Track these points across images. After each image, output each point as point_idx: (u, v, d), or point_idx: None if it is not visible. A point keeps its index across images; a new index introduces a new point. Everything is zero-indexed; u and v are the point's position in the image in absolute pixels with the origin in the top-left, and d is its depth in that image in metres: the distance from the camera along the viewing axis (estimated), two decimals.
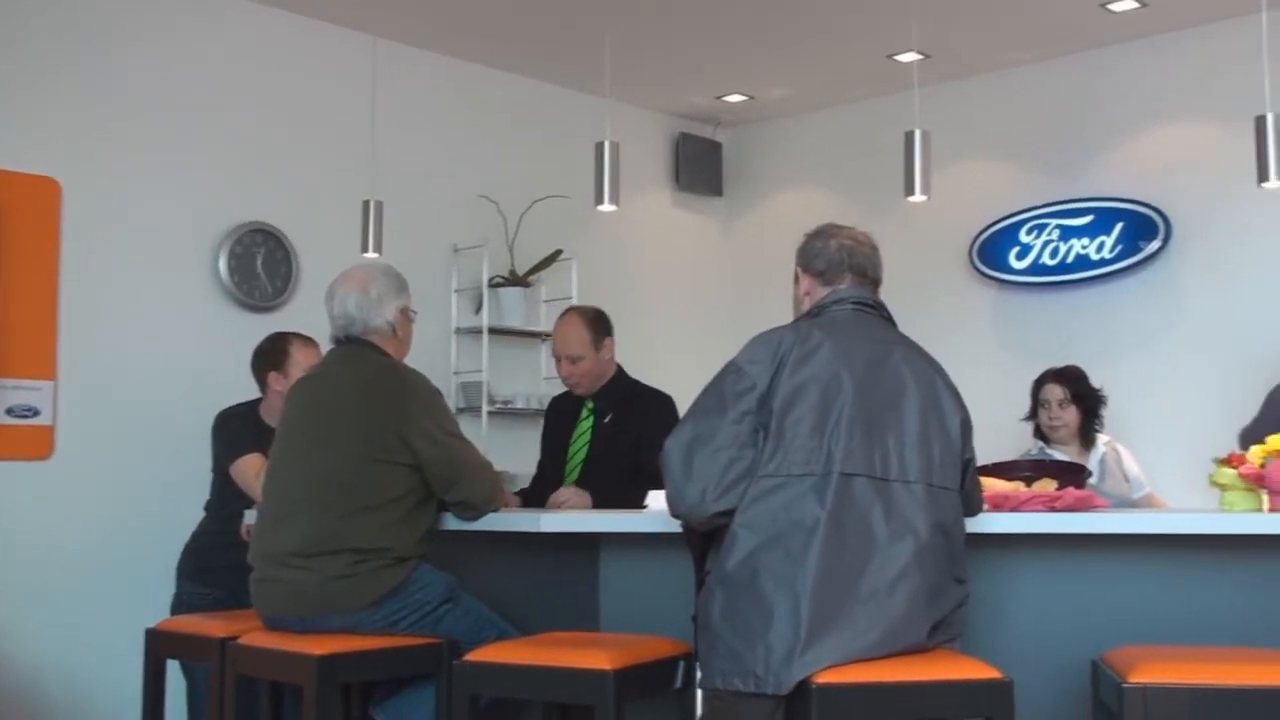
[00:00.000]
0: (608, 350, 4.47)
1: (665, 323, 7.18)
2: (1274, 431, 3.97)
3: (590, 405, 4.49)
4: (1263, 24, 4.70)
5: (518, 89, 6.72)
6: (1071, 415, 5.01)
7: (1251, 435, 4.09)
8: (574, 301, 6.30)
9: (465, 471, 3.38)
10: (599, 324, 4.45)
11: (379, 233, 5.39)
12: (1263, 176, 4.50)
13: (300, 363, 4.38)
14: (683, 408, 3.01)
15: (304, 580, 3.27)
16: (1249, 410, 4.61)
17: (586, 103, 6.52)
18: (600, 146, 5.07)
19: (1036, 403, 5.10)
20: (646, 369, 4.77)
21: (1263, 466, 3.13)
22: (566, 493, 4.20)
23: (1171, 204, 6.07)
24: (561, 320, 4.50)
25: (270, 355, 4.52)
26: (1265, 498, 3.14)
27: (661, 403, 4.33)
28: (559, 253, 6.53)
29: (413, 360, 3.66)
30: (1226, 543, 3.12)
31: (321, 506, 3.29)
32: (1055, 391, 5.04)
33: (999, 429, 5.98)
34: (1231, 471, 3.21)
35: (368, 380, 3.42)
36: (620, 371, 4.54)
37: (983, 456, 3.26)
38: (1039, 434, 5.11)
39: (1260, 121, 4.46)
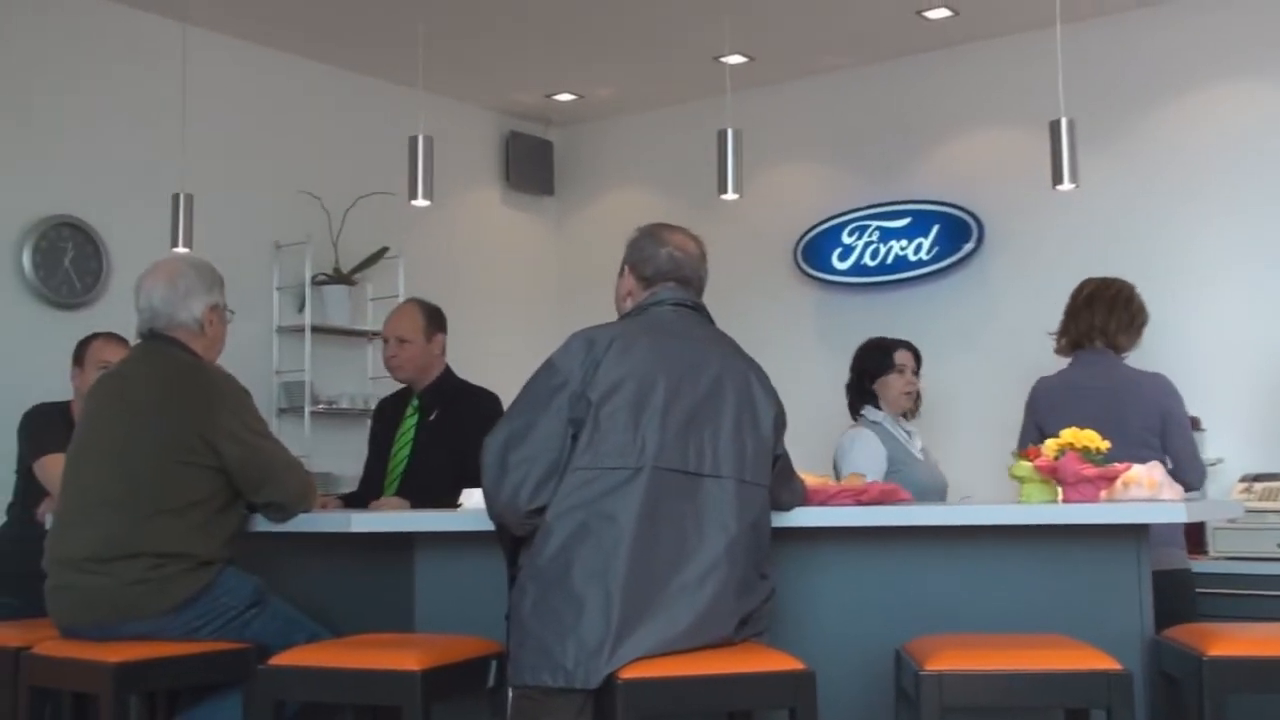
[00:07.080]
0: (438, 345, 4.48)
1: (495, 322, 7.11)
2: (1031, 440, 4.15)
3: (415, 403, 4.46)
4: (1057, 35, 4.89)
5: (337, 82, 6.59)
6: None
7: (1021, 445, 4.21)
8: (401, 300, 6.22)
9: (274, 472, 3.30)
10: (435, 317, 4.51)
11: (189, 227, 5.20)
12: (1057, 179, 4.68)
13: (98, 360, 4.23)
14: None
15: (99, 586, 3.15)
16: None
17: (409, 97, 6.42)
18: (414, 140, 5.04)
19: (883, 368, 4.77)
20: (475, 369, 4.72)
21: (1057, 459, 3.25)
22: (389, 503, 4.18)
23: (983, 207, 6.25)
24: (398, 307, 4.63)
25: (75, 353, 4.38)
26: (1059, 489, 3.26)
27: (488, 401, 4.29)
28: (385, 250, 6.44)
29: (232, 359, 3.57)
30: (1024, 533, 3.22)
31: (118, 510, 3.17)
32: (910, 358, 4.82)
33: (820, 426, 6.10)
34: (1028, 464, 3.32)
35: (168, 379, 3.30)
36: (448, 371, 4.54)
37: (801, 451, 3.31)
38: (867, 401, 4.77)
39: (1055, 126, 4.63)
